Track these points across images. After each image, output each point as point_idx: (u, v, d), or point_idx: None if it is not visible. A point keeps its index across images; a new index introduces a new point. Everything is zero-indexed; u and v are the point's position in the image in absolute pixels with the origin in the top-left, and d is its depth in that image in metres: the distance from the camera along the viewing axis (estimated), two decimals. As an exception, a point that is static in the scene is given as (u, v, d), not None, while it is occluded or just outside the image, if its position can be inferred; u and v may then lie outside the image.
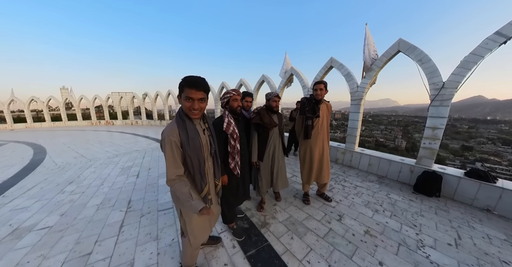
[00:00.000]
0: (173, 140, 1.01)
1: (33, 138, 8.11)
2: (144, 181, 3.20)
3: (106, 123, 13.96)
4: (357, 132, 3.72)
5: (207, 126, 1.22)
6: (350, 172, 3.54)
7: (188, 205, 1.03)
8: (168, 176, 1.04)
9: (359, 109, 3.63)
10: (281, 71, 6.24)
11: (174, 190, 1.06)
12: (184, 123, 1.05)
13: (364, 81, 3.52)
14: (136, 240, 1.77)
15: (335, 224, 2.00)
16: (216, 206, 1.36)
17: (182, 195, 1.03)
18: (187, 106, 1.02)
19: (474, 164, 45.99)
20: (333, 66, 4.05)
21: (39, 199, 2.60)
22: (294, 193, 2.70)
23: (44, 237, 1.82)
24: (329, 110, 2.25)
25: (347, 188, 2.86)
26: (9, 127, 12.66)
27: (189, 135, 1.05)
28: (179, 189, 1.03)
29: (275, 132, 2.05)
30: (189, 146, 1.05)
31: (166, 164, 1.04)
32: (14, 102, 12.60)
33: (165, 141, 1.01)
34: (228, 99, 1.56)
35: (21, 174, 3.61)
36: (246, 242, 1.74)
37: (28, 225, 2.01)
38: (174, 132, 1.02)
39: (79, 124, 13.91)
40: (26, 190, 2.91)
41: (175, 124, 1.05)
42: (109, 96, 13.67)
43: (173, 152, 1.02)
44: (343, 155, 3.90)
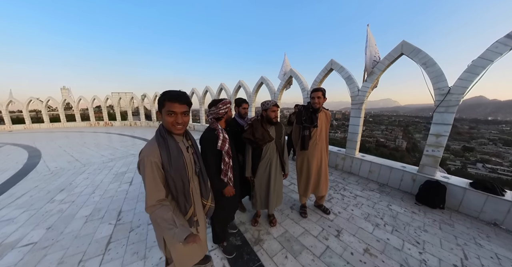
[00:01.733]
0: (154, 161, 0.92)
1: (30, 140, 8.02)
2: (137, 188, 3.09)
3: (105, 124, 13.89)
4: (358, 137, 3.59)
5: (191, 143, 1.14)
6: (350, 179, 3.41)
7: (171, 233, 0.91)
8: (148, 203, 0.93)
9: (360, 113, 3.49)
10: (280, 73, 6.10)
11: (154, 218, 0.94)
12: (166, 141, 0.97)
13: (366, 85, 3.38)
14: (123, 259, 1.66)
15: (333, 241, 1.88)
16: (204, 227, 1.24)
17: (164, 222, 0.92)
18: (169, 121, 0.96)
19: (475, 164, 45.64)
20: (333, 69, 3.91)
21: (27, 209, 2.50)
22: (291, 204, 2.58)
23: (27, 255, 1.71)
24: (328, 119, 2.11)
25: (346, 198, 2.73)
26: (7, 128, 12.60)
27: (171, 154, 0.97)
28: (161, 216, 0.92)
29: (271, 147, 1.85)
30: (172, 167, 0.96)
31: (145, 189, 0.93)
32: (12, 103, 12.54)
33: (145, 162, 0.92)
34: (227, 110, 1.44)
35: (12, 181, 3.51)
36: (237, 262, 1.63)
37: (12, 240, 1.91)
38: (155, 152, 0.94)
39: (78, 125, 13.84)
40: (15, 198, 2.81)
41: (156, 143, 0.96)
42: (108, 96, 13.58)
43: (153, 174, 0.93)
44: (343, 161, 3.77)
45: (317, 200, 2.41)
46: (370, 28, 3.25)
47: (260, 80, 6.79)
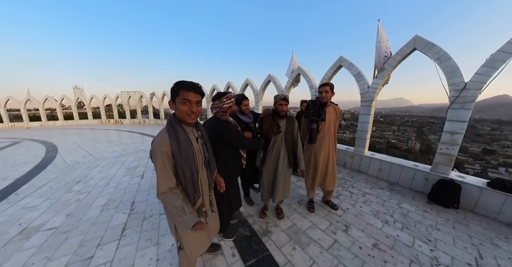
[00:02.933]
0: (164, 150, 0.97)
1: (46, 136, 8.56)
2: (148, 182, 3.26)
3: (115, 122, 14.49)
4: (367, 135, 3.56)
5: (200, 134, 1.18)
6: (358, 177, 3.40)
7: (180, 220, 0.96)
8: (159, 189, 0.98)
9: (369, 111, 3.46)
10: (287, 70, 6.12)
11: (165, 204, 1.01)
12: (176, 132, 1.01)
13: (376, 81, 3.35)
14: (137, 245, 1.79)
15: (341, 235, 1.91)
16: (213, 217, 1.31)
17: (174, 209, 0.97)
18: (184, 110, 1.00)
19: (497, 169, 42.95)
20: (342, 66, 3.89)
21: (47, 198, 2.71)
22: (299, 199, 2.62)
23: (50, 238, 1.89)
24: (337, 113, 2.14)
25: (355, 195, 2.73)
26: (25, 125, 13.50)
27: (181, 144, 1.01)
28: (171, 203, 0.98)
29: (279, 139, 1.92)
30: (181, 157, 1.00)
31: (156, 176, 0.99)
32: (30, 101, 13.40)
33: (156, 152, 0.97)
34: (231, 104, 1.49)
35: (33, 172, 3.80)
36: (247, 251, 1.70)
37: (36, 225, 2.10)
38: (165, 142, 0.98)
39: (89, 123, 14.54)
40: (36, 188, 3.06)
41: (166, 134, 1.00)
42: (118, 95, 14.16)
43: (164, 163, 0.97)
44: (352, 159, 3.75)
45: (325, 196, 2.44)
46: (381, 24, 3.22)
47: (267, 78, 6.84)
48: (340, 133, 62.56)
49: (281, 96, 1.83)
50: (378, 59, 3.18)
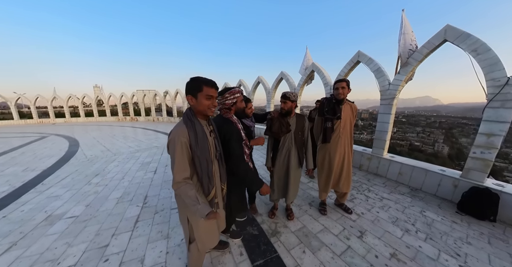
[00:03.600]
0: (183, 140, 1.01)
1: (69, 132, 9.43)
2: (160, 177, 3.41)
3: (131, 119, 15.46)
4: (387, 136, 3.34)
5: (212, 129, 1.22)
6: (376, 180, 3.21)
7: (194, 209, 1.01)
8: (176, 179, 1.02)
9: (390, 109, 3.24)
10: (301, 67, 5.98)
11: (179, 193, 1.04)
12: (193, 123, 1.06)
13: (398, 78, 3.12)
14: (148, 237, 1.88)
15: (355, 242, 1.82)
16: (222, 210, 1.34)
17: (188, 198, 1.02)
18: (206, 104, 1.07)
19: (544, 178, 37.72)
20: (361, 61, 3.69)
21: (69, 189, 2.97)
22: (310, 201, 2.56)
23: (71, 225, 2.06)
24: (354, 111, 2.04)
25: (371, 200, 2.59)
26: (51, 121, 15.00)
27: (198, 135, 1.05)
28: (185, 192, 1.02)
29: (288, 138, 1.89)
30: (198, 147, 1.05)
31: (173, 166, 1.02)
32: (55, 99, 14.84)
33: (175, 141, 1.00)
34: (236, 100, 1.42)
35: (57, 165, 4.20)
36: (254, 251, 1.70)
37: (59, 213, 2.31)
38: (184, 132, 1.02)
39: (108, 120, 15.69)
40: (60, 179, 3.36)
41: (184, 125, 1.05)
42: (134, 93, 15.06)
43: (182, 153, 1.01)
44: (369, 161, 3.55)
45: (338, 198, 2.35)
46: (405, 14, 2.98)
47: (279, 76, 6.76)
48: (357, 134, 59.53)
49: (282, 94, 1.83)
50: (403, 53, 2.96)
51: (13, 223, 2.10)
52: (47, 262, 1.57)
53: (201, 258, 1.34)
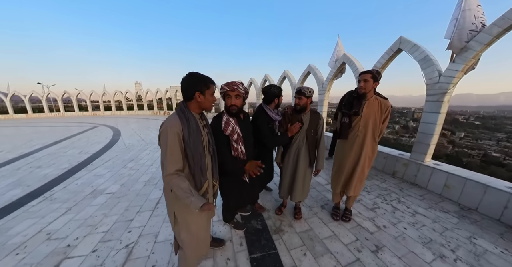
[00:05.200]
0: (176, 131, 1.01)
1: (114, 123, 11.47)
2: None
3: (164, 113, 17.60)
4: (432, 140, 2.75)
5: (205, 123, 1.23)
6: (411, 191, 2.73)
7: (188, 201, 1.00)
8: (168, 170, 1.00)
9: (439, 107, 2.63)
10: (330, 59, 5.48)
11: (172, 186, 1.02)
12: (187, 116, 1.07)
13: (453, 67, 2.48)
14: (165, 217, 2.17)
15: (367, 256, 1.63)
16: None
17: (181, 191, 1.01)
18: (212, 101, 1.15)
19: None
20: (402, 49, 3.09)
21: (110, 170, 3.65)
22: (323, 203, 2.42)
23: (108, 200, 2.56)
24: (383, 109, 1.74)
25: (399, 212, 2.24)
26: (101, 114, 18.56)
27: (191, 127, 1.06)
28: (178, 184, 1.00)
29: (300, 136, 1.81)
30: (191, 140, 1.05)
31: (165, 158, 1.00)
32: (105, 95, 18.16)
33: (168, 132, 1.00)
34: (223, 94, 1.43)
35: (103, 150, 5.19)
36: (254, 244, 1.76)
37: (101, 188, 2.89)
38: (177, 124, 1.02)
39: (145, 113, 18.33)
40: (104, 162, 4.15)
41: (177, 117, 1.05)
42: (167, 89, 17.01)
43: (175, 144, 1.00)
44: (405, 167, 3.04)
45: (346, 201, 2.15)
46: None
47: (307, 69, 6.39)
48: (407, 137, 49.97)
49: (297, 89, 1.73)
50: (458, 36, 2.32)
51: (70, 193, 2.76)
52: (88, 226, 2.02)
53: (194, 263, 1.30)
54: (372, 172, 3.44)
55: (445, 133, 71.08)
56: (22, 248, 1.70)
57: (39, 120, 14.29)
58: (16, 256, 1.61)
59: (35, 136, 7.33)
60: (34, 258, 1.58)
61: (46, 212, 2.28)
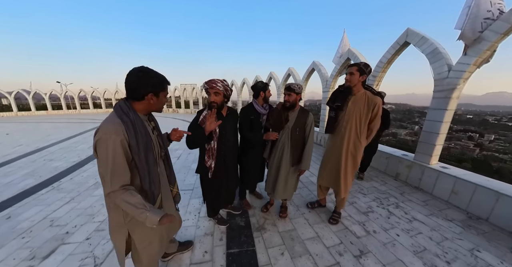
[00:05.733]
0: (119, 139, 0.83)
1: None
2: (181, 162, 3.98)
3: (173, 111, 18.22)
4: (438, 140, 2.54)
5: (154, 125, 1.09)
6: (413, 195, 2.56)
7: (143, 217, 0.85)
8: (111, 187, 0.83)
9: (447, 104, 2.43)
10: (335, 55, 5.32)
11: (118, 204, 0.86)
12: (132, 119, 0.89)
13: (464, 61, 2.27)
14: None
15: (348, 260, 1.57)
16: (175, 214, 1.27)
17: (132, 207, 0.85)
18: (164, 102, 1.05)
19: None
20: (410, 42, 2.90)
21: None
22: (313, 204, 2.37)
23: None
24: (370, 105, 1.66)
25: (394, 217, 2.11)
26: None
27: (139, 132, 0.89)
28: (128, 200, 0.84)
29: (285, 133, 1.80)
30: (140, 146, 0.89)
31: (107, 172, 0.83)
32: (117, 93, 19.14)
33: (106, 141, 0.82)
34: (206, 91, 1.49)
35: None
36: (234, 240, 1.78)
37: None
38: (119, 129, 0.84)
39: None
40: None
41: (119, 120, 0.86)
42: (176, 87, 17.60)
43: (118, 154, 0.83)
44: (409, 169, 2.85)
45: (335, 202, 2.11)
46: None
47: (311, 66, 6.28)
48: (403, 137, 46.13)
49: (286, 85, 1.72)
50: (471, 25, 2.12)
51: (75, 184, 2.99)
52: (87, 215, 2.18)
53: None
54: (372, 173, 3.28)
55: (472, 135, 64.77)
56: (28, 232, 1.90)
57: (57, 116, 15.66)
58: (22, 239, 1.80)
59: (52, 132, 8.04)
60: (36, 242, 1.75)
61: (53, 200, 2.52)
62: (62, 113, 18.76)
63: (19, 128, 9.11)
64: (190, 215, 2.15)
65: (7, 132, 7.88)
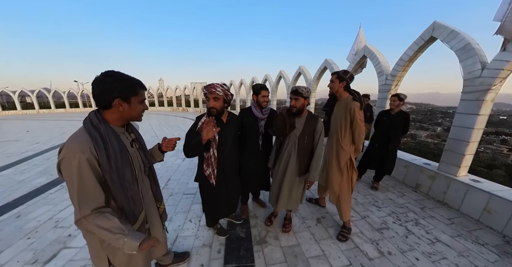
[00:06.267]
0: (85, 157, 0.76)
1: None
2: (186, 165, 4.00)
3: (182, 109, 18.67)
4: (468, 149, 2.27)
5: (135, 137, 1.01)
6: (436, 211, 2.31)
7: (120, 243, 0.77)
8: (82, 212, 0.75)
9: (478, 108, 2.14)
10: (349, 53, 5.05)
11: (91, 230, 0.79)
12: (101, 133, 0.81)
13: (502, 57, 1.97)
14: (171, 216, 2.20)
15: (358, 284, 1.43)
16: (161, 233, 1.20)
17: (106, 233, 0.76)
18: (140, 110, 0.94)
19: None
20: (436, 37, 2.61)
21: None
22: (320, 216, 2.24)
23: None
24: (348, 111, 1.68)
25: (413, 237, 1.91)
26: None
27: (110, 148, 0.82)
28: (102, 225, 0.76)
29: (291, 141, 1.70)
30: (112, 164, 0.82)
31: (74, 196, 0.75)
32: None
33: (71, 160, 0.74)
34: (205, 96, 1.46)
35: None
36: (232, 253, 1.71)
37: None
38: (85, 146, 0.78)
39: (164, 110, 19.72)
40: None
41: (86, 135, 0.80)
42: (186, 86, 17.97)
43: (84, 176, 0.76)
44: (431, 181, 2.59)
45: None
46: None
47: (323, 64, 6.04)
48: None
49: (292, 89, 1.61)
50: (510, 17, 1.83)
51: None
52: None
53: None
54: (388, 183, 3.04)
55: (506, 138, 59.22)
56: (34, 233, 1.97)
57: (74, 114, 16.75)
58: (28, 240, 1.87)
59: (68, 129, 8.58)
60: (40, 244, 1.81)
61: (60, 200, 2.62)
62: (79, 111, 20.05)
63: (40, 126, 9.84)
64: (191, 224, 2.10)
65: (27, 130, 8.53)
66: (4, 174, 3.51)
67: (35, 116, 15.58)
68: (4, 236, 1.91)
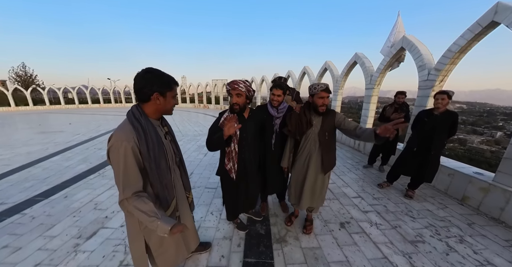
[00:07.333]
0: (130, 146, 0.89)
1: None
2: (208, 160, 4.24)
3: (204, 106, 19.51)
4: None
5: (167, 130, 1.15)
6: (487, 230, 2.05)
7: (154, 225, 0.88)
8: (124, 194, 0.88)
9: None
10: (384, 45, 4.72)
11: (131, 211, 0.91)
12: (143, 125, 0.94)
13: None
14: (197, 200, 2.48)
15: (387, 296, 1.38)
16: (190, 221, 1.33)
17: (143, 215, 0.88)
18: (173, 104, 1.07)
19: None
20: (499, 22, 2.28)
21: None
22: (344, 220, 2.20)
23: None
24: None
25: (456, 256, 1.74)
26: None
27: (151, 138, 0.95)
28: (140, 208, 0.88)
29: (311, 139, 1.69)
30: (151, 153, 0.95)
31: (119, 180, 0.89)
32: None
33: (118, 148, 0.87)
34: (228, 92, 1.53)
35: None
36: (252, 249, 1.79)
37: None
38: (130, 136, 0.90)
39: (187, 106, 20.83)
40: None
41: (130, 126, 0.93)
42: (207, 83, 18.73)
43: (130, 162, 0.89)
44: (484, 193, 2.30)
45: None
46: None
47: (352, 59, 5.73)
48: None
49: (322, 87, 1.54)
50: None
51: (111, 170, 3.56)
52: None
53: None
54: (426, 192, 2.80)
55: None
56: (78, 212, 2.34)
57: (108, 109, 18.83)
58: (73, 218, 2.24)
59: (103, 123, 9.75)
60: (83, 222, 2.15)
61: (98, 185, 3.05)
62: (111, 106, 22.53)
63: (79, 119, 11.40)
64: (212, 216, 2.27)
65: (70, 122, 9.98)
66: (54, 160, 4.20)
67: (75, 111, 18.04)
68: (55, 212, 2.32)
